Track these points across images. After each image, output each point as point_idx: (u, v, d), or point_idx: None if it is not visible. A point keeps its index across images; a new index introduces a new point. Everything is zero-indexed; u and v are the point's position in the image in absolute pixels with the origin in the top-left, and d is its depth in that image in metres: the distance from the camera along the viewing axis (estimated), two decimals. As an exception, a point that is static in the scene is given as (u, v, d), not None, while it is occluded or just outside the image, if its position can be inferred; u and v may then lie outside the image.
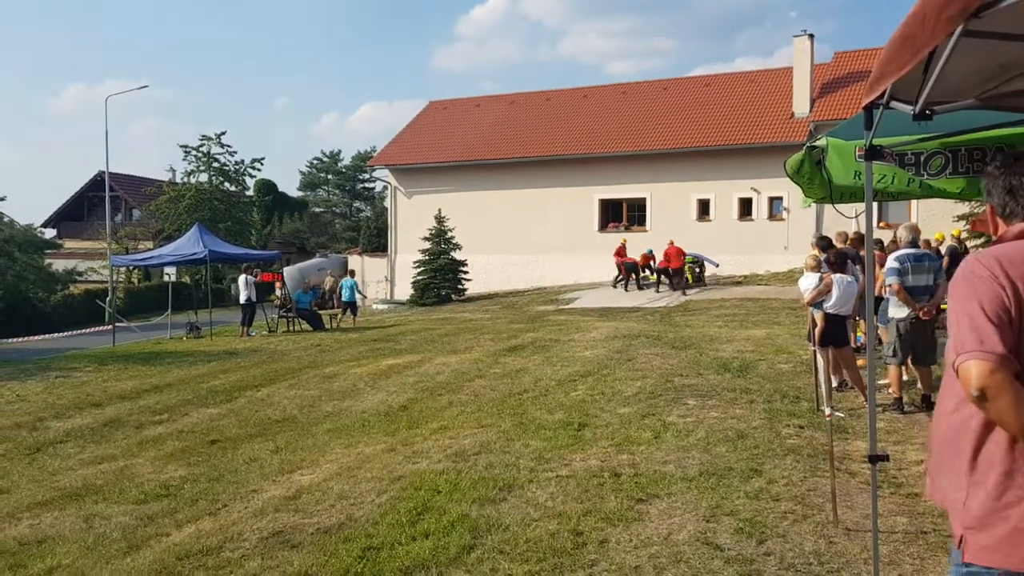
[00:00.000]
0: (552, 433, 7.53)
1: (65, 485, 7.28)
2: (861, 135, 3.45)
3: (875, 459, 3.46)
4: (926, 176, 3.71)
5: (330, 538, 5.16)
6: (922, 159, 3.68)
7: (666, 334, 14.37)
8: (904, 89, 2.61)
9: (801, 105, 29.33)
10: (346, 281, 22.99)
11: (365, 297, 26.19)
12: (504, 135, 34.80)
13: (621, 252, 25.90)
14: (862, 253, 11.25)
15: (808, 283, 8.58)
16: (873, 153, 3.33)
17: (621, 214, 32.41)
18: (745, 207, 29.67)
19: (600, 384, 9.90)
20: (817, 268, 8.74)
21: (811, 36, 29.65)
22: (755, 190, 29.01)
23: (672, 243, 24.51)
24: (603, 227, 32.24)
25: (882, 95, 2.78)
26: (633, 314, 19.84)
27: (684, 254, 24.28)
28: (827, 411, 5.10)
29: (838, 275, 8.21)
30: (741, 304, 20.06)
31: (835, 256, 8.53)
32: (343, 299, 22.71)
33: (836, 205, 4.59)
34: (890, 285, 7.79)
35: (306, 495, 6.18)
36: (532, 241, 32.30)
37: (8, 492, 7.20)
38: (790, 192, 25.39)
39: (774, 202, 28.98)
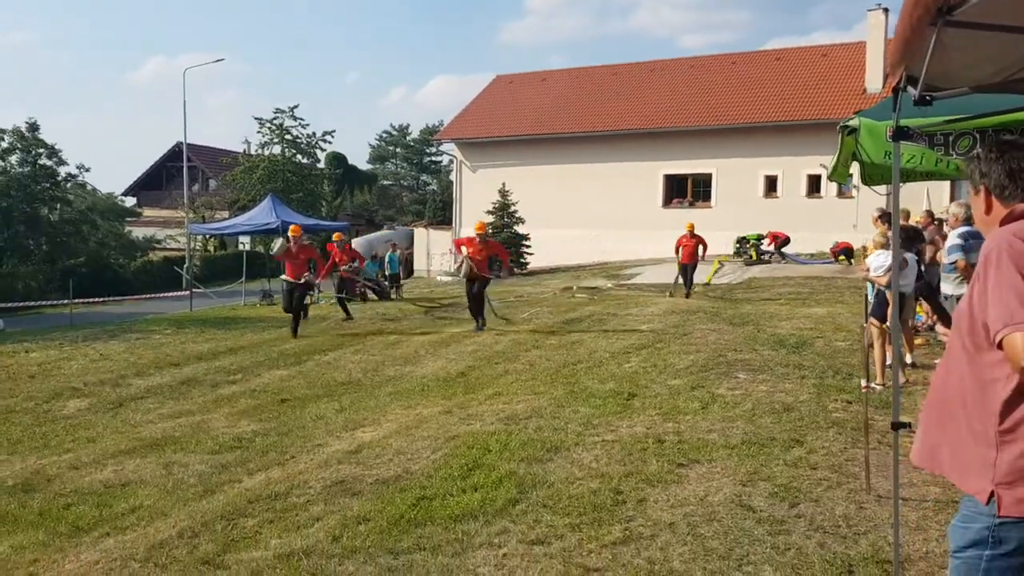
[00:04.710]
0: (602, 401, 7.78)
1: (146, 436, 7.85)
2: (892, 116, 3.60)
3: (897, 426, 3.65)
4: (955, 156, 3.84)
5: (387, 488, 5.54)
6: (951, 139, 3.81)
7: (725, 310, 14.42)
8: (916, 75, 2.78)
9: (874, 80, 28.60)
10: (390, 255, 23.68)
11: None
12: (570, 109, 34.75)
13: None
14: (928, 230, 11.07)
15: (878, 261, 8.22)
16: (901, 133, 3.48)
17: (686, 190, 32.17)
18: (814, 184, 29.14)
19: (653, 357, 10.09)
20: (886, 245, 8.43)
21: (885, 10, 28.82)
22: (824, 167, 28.31)
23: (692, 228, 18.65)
24: (667, 203, 32.07)
25: (901, 79, 2.95)
26: (694, 290, 19.84)
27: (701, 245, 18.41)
28: (863, 383, 5.24)
29: (909, 253, 8.01)
30: (806, 282, 19.88)
31: (910, 232, 8.34)
32: (388, 272, 23.36)
33: (872, 186, 4.71)
34: (954, 261, 7.48)
35: (367, 450, 6.59)
36: (595, 216, 32.18)
37: (94, 441, 7.82)
38: (859, 170, 24.77)
39: (843, 179, 28.37)
